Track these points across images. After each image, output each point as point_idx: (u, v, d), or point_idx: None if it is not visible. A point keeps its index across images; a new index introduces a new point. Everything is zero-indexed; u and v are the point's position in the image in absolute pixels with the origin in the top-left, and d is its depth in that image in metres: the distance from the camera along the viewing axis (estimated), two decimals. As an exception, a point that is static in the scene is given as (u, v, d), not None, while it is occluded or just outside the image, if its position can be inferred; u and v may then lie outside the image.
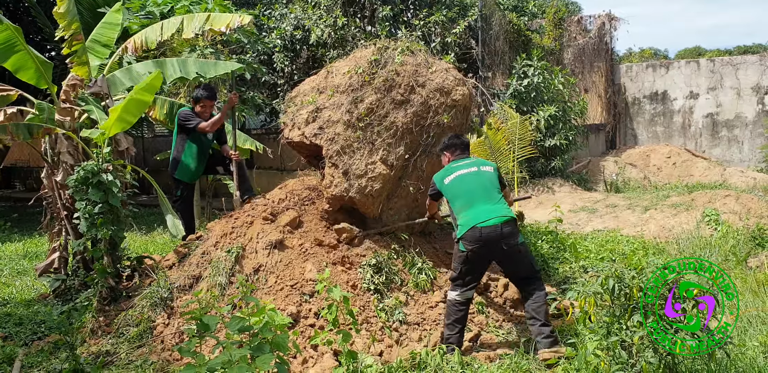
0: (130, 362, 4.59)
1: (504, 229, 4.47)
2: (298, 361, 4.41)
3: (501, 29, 13.55)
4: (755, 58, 16.96)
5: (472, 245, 4.51)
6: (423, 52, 5.73)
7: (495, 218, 4.48)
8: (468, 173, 4.75)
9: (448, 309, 4.71)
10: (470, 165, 4.82)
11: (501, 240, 4.47)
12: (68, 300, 5.91)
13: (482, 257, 4.62)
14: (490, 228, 4.46)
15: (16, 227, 11.39)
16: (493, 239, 4.46)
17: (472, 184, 4.69)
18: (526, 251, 4.73)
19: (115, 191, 5.35)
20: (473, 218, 4.53)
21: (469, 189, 4.68)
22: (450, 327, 4.66)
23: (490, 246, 4.49)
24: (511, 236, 4.51)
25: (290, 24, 13.50)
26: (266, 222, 5.56)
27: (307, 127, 5.55)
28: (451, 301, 4.68)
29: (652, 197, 11.23)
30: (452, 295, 4.69)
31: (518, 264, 4.64)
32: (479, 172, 4.75)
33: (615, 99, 18.32)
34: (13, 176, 20.12)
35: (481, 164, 4.85)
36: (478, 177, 4.72)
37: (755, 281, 5.86)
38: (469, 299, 4.69)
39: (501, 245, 4.49)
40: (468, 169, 4.77)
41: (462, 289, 4.65)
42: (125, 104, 5.33)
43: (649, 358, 3.43)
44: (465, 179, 4.72)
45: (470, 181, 4.71)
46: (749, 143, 16.74)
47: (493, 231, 4.46)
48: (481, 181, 4.70)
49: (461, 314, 4.64)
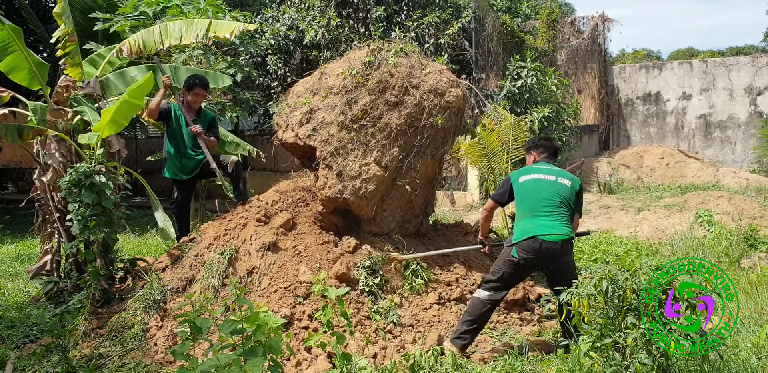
0: (122, 365, 4.57)
1: (564, 247, 4.44)
2: (292, 363, 4.40)
3: (494, 31, 13.57)
4: (747, 59, 17.04)
5: (527, 255, 4.46)
6: (417, 54, 5.73)
7: (558, 235, 4.42)
8: (545, 180, 4.64)
9: (473, 307, 4.65)
10: (550, 172, 4.70)
11: (556, 256, 4.44)
12: (61, 303, 5.87)
13: (531, 268, 4.61)
14: (551, 244, 4.41)
15: (7, 229, 11.32)
16: (550, 254, 4.43)
17: (544, 192, 4.58)
18: (573, 267, 4.66)
19: (107, 192, 5.33)
20: (535, 228, 4.46)
21: (540, 197, 4.57)
22: (468, 323, 4.61)
23: (544, 260, 4.47)
24: (567, 254, 4.49)
25: (284, 24, 13.49)
26: (260, 224, 5.55)
27: (301, 128, 5.54)
28: (478, 299, 4.64)
29: (645, 198, 11.27)
30: (482, 294, 4.63)
31: (562, 277, 4.50)
32: (555, 183, 4.62)
33: (608, 100, 18.38)
34: (4, 178, 20.03)
35: (562, 176, 4.69)
36: (552, 187, 4.60)
37: (748, 282, 5.89)
38: (497, 301, 4.65)
39: (555, 261, 4.47)
40: (546, 176, 4.66)
41: (495, 291, 4.61)
42: (118, 107, 5.31)
43: (643, 359, 3.43)
44: (540, 185, 4.62)
45: (544, 189, 4.59)
46: (742, 144, 16.82)
47: (553, 247, 4.41)
48: (555, 192, 4.58)
49: (484, 314, 4.61)
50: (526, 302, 5.53)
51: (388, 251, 5.49)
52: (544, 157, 4.89)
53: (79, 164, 5.33)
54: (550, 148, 4.92)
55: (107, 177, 5.36)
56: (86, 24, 9.59)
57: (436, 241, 6.12)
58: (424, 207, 6.13)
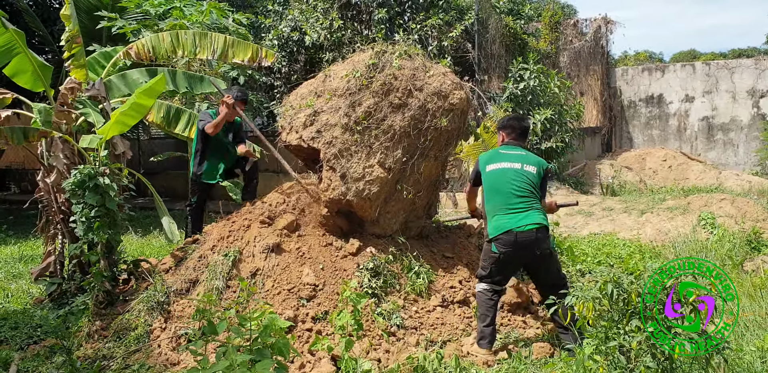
0: (126, 367, 4.57)
1: (538, 234, 4.49)
2: (296, 366, 4.39)
3: (497, 33, 13.59)
4: (750, 61, 17.03)
5: (506, 248, 4.53)
6: (420, 56, 5.74)
7: (531, 225, 4.48)
8: (510, 169, 4.67)
9: (479, 301, 4.73)
10: (516, 159, 4.72)
11: (535, 245, 4.50)
12: (64, 304, 5.88)
13: (514, 261, 4.65)
14: (525, 233, 4.47)
15: (11, 230, 11.33)
16: (528, 244, 4.49)
17: (512, 184, 4.62)
18: (556, 256, 4.73)
19: (111, 194, 5.34)
20: (508, 222, 4.52)
21: (508, 190, 4.61)
22: (483, 318, 4.66)
23: (523, 251, 4.53)
24: (545, 241, 4.54)
25: (287, 25, 13.51)
26: (263, 225, 5.55)
27: (305, 130, 5.55)
28: (480, 291, 4.72)
29: (648, 201, 11.25)
30: (480, 286, 4.73)
31: (548, 270, 4.65)
32: (521, 172, 4.65)
33: (611, 102, 18.38)
34: (7, 179, 20.05)
35: (527, 162, 4.70)
36: (519, 177, 4.63)
37: (751, 285, 5.88)
38: (498, 291, 4.71)
39: (534, 250, 4.52)
40: (512, 164, 4.69)
41: (490, 283, 4.70)
42: (128, 108, 5.32)
43: (648, 363, 3.43)
44: (506, 176, 4.66)
45: (511, 179, 4.64)
46: (744, 147, 16.80)
47: (528, 237, 4.47)
48: (523, 182, 4.62)
49: (492, 303, 4.65)
50: (529, 304, 5.52)
51: (392, 253, 5.49)
52: (512, 138, 4.93)
53: (83, 166, 5.34)
54: (518, 129, 4.93)
55: (111, 179, 5.37)
56: (90, 24, 9.63)
57: (439, 243, 6.12)
58: (427, 209, 6.13)
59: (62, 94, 6.08)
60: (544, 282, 4.78)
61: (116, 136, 5.91)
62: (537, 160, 4.77)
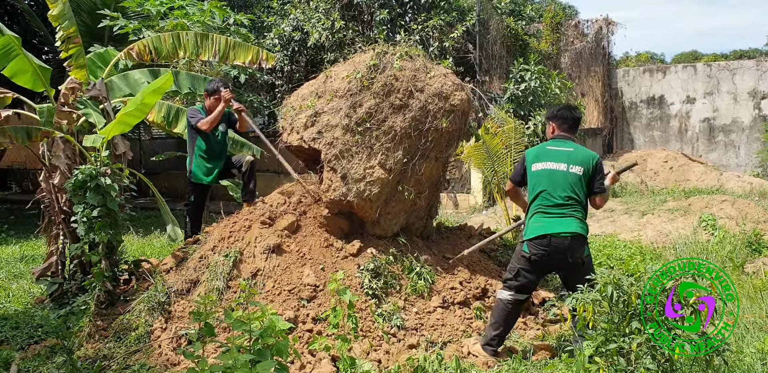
0: (127, 367, 4.58)
1: (573, 242, 4.39)
2: (296, 366, 4.40)
3: (498, 33, 13.59)
4: (752, 62, 17.01)
5: (538, 250, 4.43)
6: (421, 57, 5.74)
7: (567, 232, 4.38)
8: (557, 171, 4.51)
9: (496, 308, 4.64)
10: (563, 158, 4.53)
11: (567, 252, 4.40)
12: (65, 304, 5.89)
13: (544, 264, 4.53)
14: (559, 240, 4.37)
15: (12, 230, 11.34)
16: (561, 250, 4.39)
17: (555, 186, 4.48)
18: (590, 263, 4.58)
19: (113, 194, 5.35)
20: (545, 226, 4.42)
21: (550, 192, 4.48)
22: (494, 326, 4.60)
23: (555, 256, 4.42)
24: (579, 248, 4.43)
25: (289, 25, 13.52)
26: (264, 226, 5.56)
27: (306, 131, 5.55)
28: (501, 300, 4.62)
29: (649, 202, 11.25)
30: (503, 294, 4.62)
31: (577, 276, 4.40)
32: (566, 174, 4.49)
33: (612, 103, 18.36)
34: (8, 178, 20.07)
35: (573, 162, 4.51)
36: (564, 180, 4.48)
37: (752, 287, 5.87)
38: (520, 300, 4.62)
39: (567, 257, 4.41)
40: (557, 165, 4.51)
41: (514, 291, 4.59)
42: (133, 108, 5.32)
43: (648, 365, 3.43)
44: (552, 177, 4.50)
45: (556, 182, 4.49)
46: (746, 148, 16.78)
47: (562, 243, 4.37)
48: (566, 185, 4.47)
49: (509, 316, 4.59)
50: (530, 305, 5.53)
51: (392, 253, 5.49)
52: (563, 130, 4.72)
53: (84, 166, 5.35)
54: (569, 120, 4.72)
55: (112, 179, 5.38)
56: (93, 24, 9.63)
57: (440, 244, 6.12)
58: (428, 210, 6.13)
59: (63, 94, 6.08)
60: (572, 288, 4.68)
61: (117, 137, 5.92)
62: (584, 158, 4.54)
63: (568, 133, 4.73)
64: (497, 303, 4.68)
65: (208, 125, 6.41)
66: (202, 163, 6.66)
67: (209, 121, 6.40)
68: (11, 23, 15.59)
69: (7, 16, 15.76)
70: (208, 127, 6.42)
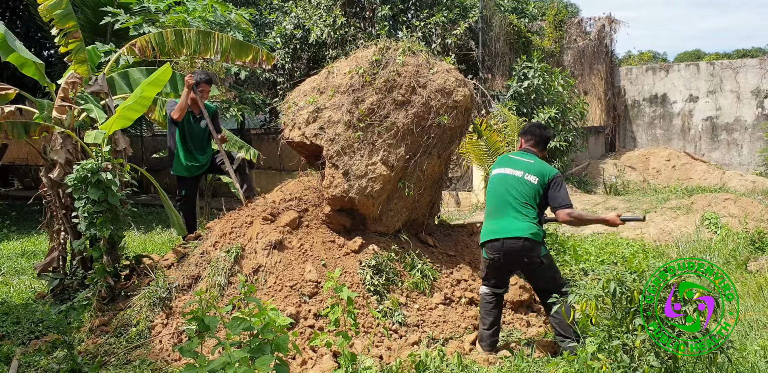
0: (128, 362, 4.57)
1: (525, 243, 4.45)
2: (297, 362, 4.39)
3: (501, 31, 13.56)
4: (755, 61, 16.97)
5: (494, 254, 4.55)
6: (424, 53, 5.71)
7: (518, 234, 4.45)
8: (511, 176, 4.63)
9: (481, 304, 4.77)
10: (521, 166, 4.66)
11: (522, 253, 4.47)
12: (66, 299, 5.89)
13: (504, 266, 4.64)
14: (511, 241, 4.45)
15: (14, 225, 11.35)
16: (515, 251, 4.47)
17: (509, 191, 4.58)
18: (550, 264, 4.63)
19: (114, 189, 5.34)
20: (498, 230, 4.52)
21: (504, 196, 4.59)
22: (482, 321, 4.72)
23: (510, 257, 4.52)
24: (533, 249, 4.47)
25: (291, 22, 13.50)
26: (266, 222, 5.54)
27: (308, 127, 5.53)
28: (481, 294, 4.78)
29: (651, 200, 11.23)
30: (483, 289, 4.77)
31: (539, 277, 4.62)
32: (521, 181, 4.59)
33: (614, 101, 18.33)
34: (10, 174, 20.09)
35: (529, 171, 4.61)
36: (518, 186, 4.58)
37: (755, 285, 5.85)
38: (498, 293, 4.73)
39: (522, 258, 4.50)
40: (514, 171, 4.64)
41: (490, 286, 4.73)
42: (133, 101, 5.30)
43: (651, 362, 3.41)
44: (506, 182, 4.62)
45: (510, 187, 4.59)
46: (748, 147, 16.75)
47: (514, 245, 4.45)
48: (520, 191, 4.56)
49: (490, 307, 4.68)
50: (532, 303, 5.51)
51: (394, 250, 5.47)
52: (530, 145, 4.88)
53: (85, 161, 5.33)
54: (537, 136, 4.88)
55: (113, 174, 5.37)
56: (95, 20, 9.61)
57: (442, 241, 6.10)
58: (430, 207, 6.11)
59: (63, 89, 6.06)
60: (536, 287, 4.81)
61: (118, 132, 5.90)
62: (541, 170, 4.63)
63: (534, 148, 4.88)
64: (480, 300, 4.81)
65: (178, 113, 6.31)
66: (181, 157, 6.60)
67: (177, 109, 6.30)
68: (14, 18, 15.59)
69: (9, 12, 15.75)
70: (178, 115, 6.32)
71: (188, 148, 6.58)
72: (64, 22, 6.49)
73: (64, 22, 6.49)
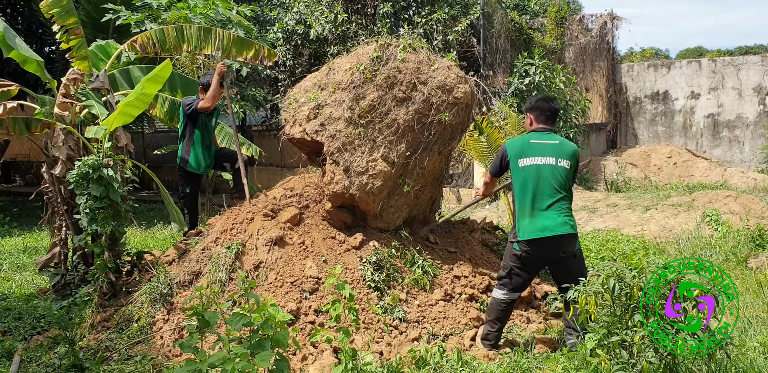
0: (129, 358, 4.59)
1: (563, 239, 4.34)
2: (298, 358, 4.41)
3: (503, 27, 13.53)
4: (757, 58, 16.93)
5: (528, 248, 4.39)
6: (425, 50, 5.71)
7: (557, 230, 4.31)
8: (545, 166, 4.40)
9: (491, 306, 4.66)
10: (550, 151, 4.44)
11: (558, 248, 4.36)
12: (68, 295, 5.91)
13: (536, 261, 4.50)
14: (548, 238, 4.32)
15: (15, 222, 11.38)
16: (551, 246, 4.35)
17: (545, 185, 4.38)
18: (581, 257, 4.53)
19: (115, 186, 5.35)
20: (537, 230, 4.33)
21: (542, 190, 4.38)
22: (491, 324, 4.65)
23: (546, 252, 4.39)
24: (569, 244, 4.39)
25: (292, 18, 13.49)
26: (267, 219, 5.55)
27: (308, 123, 5.54)
28: (495, 299, 4.61)
29: (652, 197, 11.23)
30: (497, 293, 4.61)
31: (568, 272, 4.40)
32: (555, 169, 4.40)
33: (616, 98, 18.30)
34: (12, 171, 20.12)
35: (561, 155, 4.43)
36: (553, 175, 4.39)
37: (756, 282, 5.86)
38: (514, 300, 4.60)
39: (558, 253, 4.38)
40: (545, 159, 4.41)
41: (508, 289, 4.56)
42: (134, 98, 5.30)
43: (650, 358, 3.42)
44: (540, 174, 4.39)
45: (545, 179, 4.38)
46: (750, 144, 16.73)
47: (551, 240, 4.32)
48: (556, 181, 4.39)
49: (503, 314, 4.61)
50: (532, 299, 5.52)
51: (395, 247, 5.48)
52: (541, 121, 4.61)
53: (87, 157, 5.35)
54: (547, 111, 4.61)
55: (115, 170, 5.38)
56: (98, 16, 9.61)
57: (442, 237, 6.11)
58: (430, 204, 6.13)
59: (64, 85, 6.07)
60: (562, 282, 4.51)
61: (119, 129, 5.91)
62: (570, 151, 4.49)
63: (546, 125, 4.63)
64: (492, 302, 4.69)
65: (210, 102, 6.34)
66: (199, 153, 6.65)
67: (209, 98, 6.32)
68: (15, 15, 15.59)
69: (10, 8, 15.76)
70: (210, 104, 6.36)
71: (206, 145, 6.66)
72: (65, 19, 6.48)
73: (65, 19, 6.48)
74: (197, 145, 6.63)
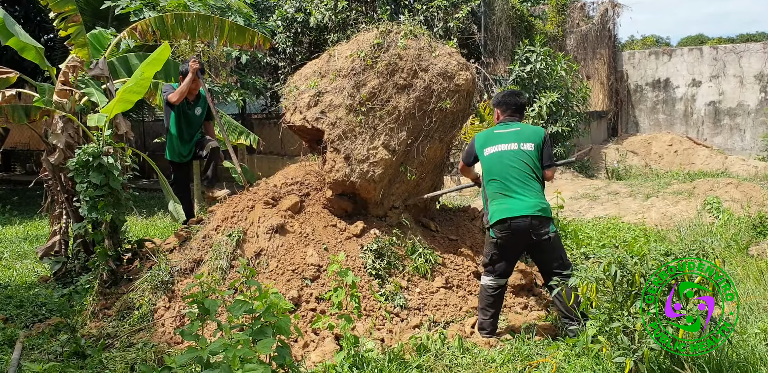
0: (130, 345, 4.60)
1: (533, 221, 4.37)
2: (299, 345, 4.42)
3: (504, 15, 13.45)
4: (759, 46, 16.85)
5: (503, 233, 4.45)
6: (426, 37, 5.67)
7: (527, 212, 4.36)
8: (507, 152, 4.53)
9: (481, 294, 4.69)
10: (512, 138, 4.57)
11: (530, 230, 4.39)
12: (69, 283, 5.92)
13: (513, 246, 4.54)
14: (519, 219, 4.37)
15: (16, 210, 11.38)
16: (523, 229, 4.39)
17: (510, 168, 4.48)
18: (557, 241, 4.56)
19: (115, 173, 5.33)
20: (506, 210, 4.41)
21: (506, 174, 4.47)
22: (483, 312, 4.66)
23: (519, 236, 4.42)
24: (541, 226, 4.41)
25: (292, 6, 13.41)
26: (267, 206, 5.54)
27: (309, 111, 5.51)
28: (483, 286, 4.66)
29: (653, 185, 11.22)
30: (485, 280, 4.66)
31: (546, 255, 4.50)
32: (519, 153, 4.51)
33: (617, 86, 18.25)
34: (12, 159, 20.10)
35: (523, 139, 4.56)
36: (517, 159, 4.49)
37: (757, 269, 5.86)
38: (502, 285, 4.63)
39: (531, 236, 4.41)
40: (508, 146, 4.55)
41: (494, 275, 4.61)
42: (133, 83, 5.27)
43: (651, 344, 3.43)
44: (503, 159, 4.52)
45: (509, 163, 4.49)
46: (751, 132, 16.70)
47: (522, 222, 4.37)
48: (521, 163, 4.48)
49: (493, 300, 4.62)
50: (533, 286, 5.53)
51: (396, 234, 5.48)
52: (507, 114, 4.79)
53: (87, 145, 5.33)
54: (513, 105, 4.79)
55: (115, 158, 5.36)
56: (96, 4, 9.56)
57: (443, 225, 6.11)
58: (431, 191, 6.11)
59: (63, 73, 6.04)
60: (542, 267, 4.67)
61: (119, 116, 5.88)
62: (533, 133, 4.62)
63: (512, 117, 4.79)
64: (481, 289, 4.71)
65: (177, 97, 6.23)
66: (174, 141, 6.56)
67: (177, 93, 6.23)
68: (13, 2, 15.49)
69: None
70: (176, 98, 6.24)
71: (182, 134, 6.53)
72: (61, 6, 6.44)
73: (61, 6, 6.44)
74: (172, 133, 6.53)
